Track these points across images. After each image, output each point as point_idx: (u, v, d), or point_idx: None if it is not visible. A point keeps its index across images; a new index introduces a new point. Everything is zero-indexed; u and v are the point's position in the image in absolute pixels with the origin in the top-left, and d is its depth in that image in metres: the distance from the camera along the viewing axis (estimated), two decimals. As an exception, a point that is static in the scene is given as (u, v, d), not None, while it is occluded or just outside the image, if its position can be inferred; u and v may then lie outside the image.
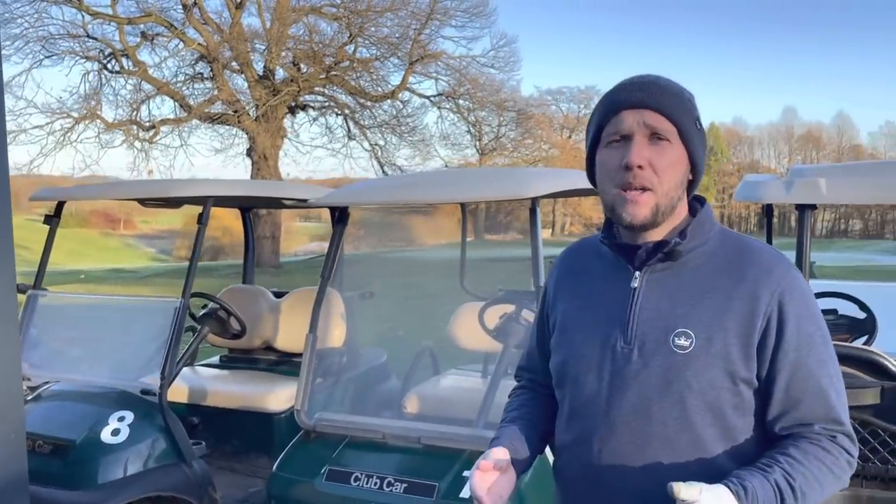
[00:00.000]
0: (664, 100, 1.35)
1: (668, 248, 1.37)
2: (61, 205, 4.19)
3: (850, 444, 1.34)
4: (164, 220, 39.14)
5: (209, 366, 4.90)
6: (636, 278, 1.40)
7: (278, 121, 23.15)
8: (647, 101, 1.34)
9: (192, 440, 3.52)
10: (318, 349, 3.49)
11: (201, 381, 4.48)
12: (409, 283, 13.61)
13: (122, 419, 3.39)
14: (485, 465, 1.39)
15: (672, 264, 1.39)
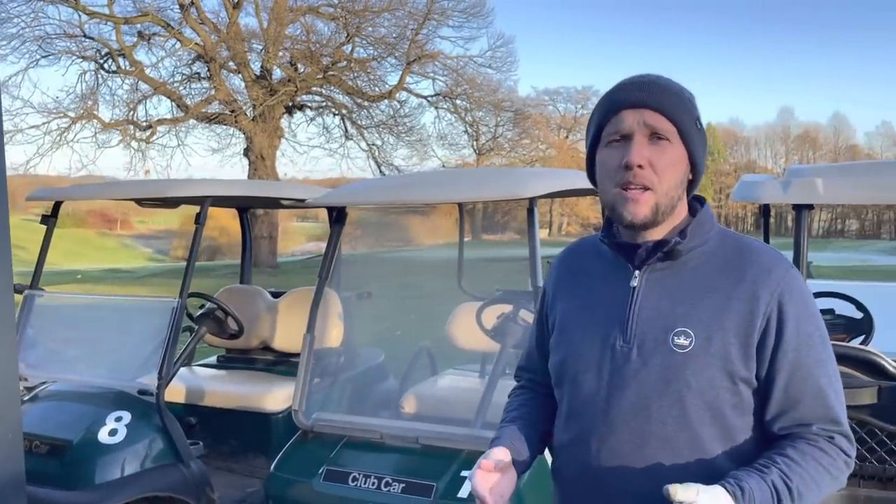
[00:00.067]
0: (664, 99, 1.35)
1: (668, 248, 1.37)
2: (58, 205, 4.17)
3: (848, 445, 1.34)
4: (160, 220, 39.11)
5: (206, 366, 4.89)
6: (636, 277, 1.40)
7: (275, 121, 23.14)
8: (648, 101, 1.35)
9: (190, 440, 3.51)
10: (316, 349, 3.48)
11: (199, 381, 4.48)
12: (407, 283, 13.61)
13: (119, 419, 3.39)
14: (486, 465, 1.39)
15: (672, 263, 1.39)
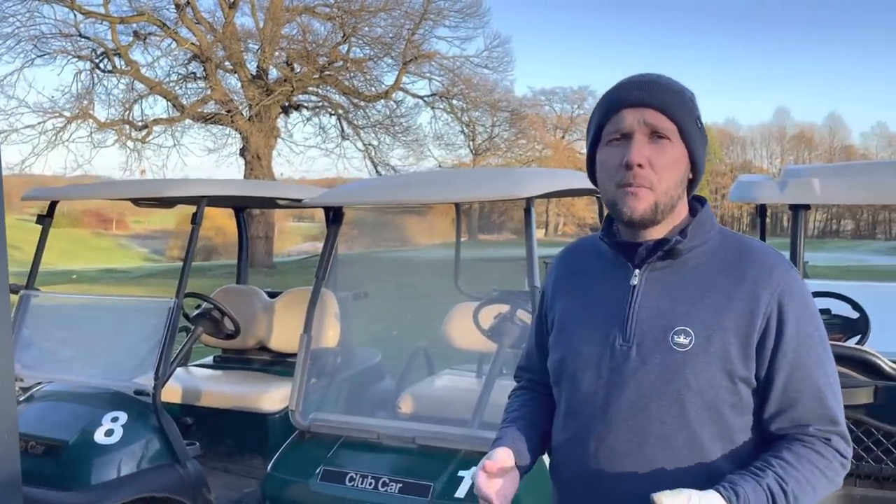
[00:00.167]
0: (665, 98, 1.35)
1: (669, 247, 1.37)
2: (54, 204, 4.16)
3: (845, 446, 1.34)
4: (156, 220, 39.06)
5: (203, 366, 4.88)
6: (636, 276, 1.40)
7: (271, 120, 23.12)
8: (648, 100, 1.35)
9: (186, 441, 3.50)
10: (313, 349, 3.47)
11: (195, 381, 4.47)
12: (404, 284, 13.61)
13: (115, 420, 3.38)
14: (490, 466, 1.38)
15: (672, 263, 1.39)
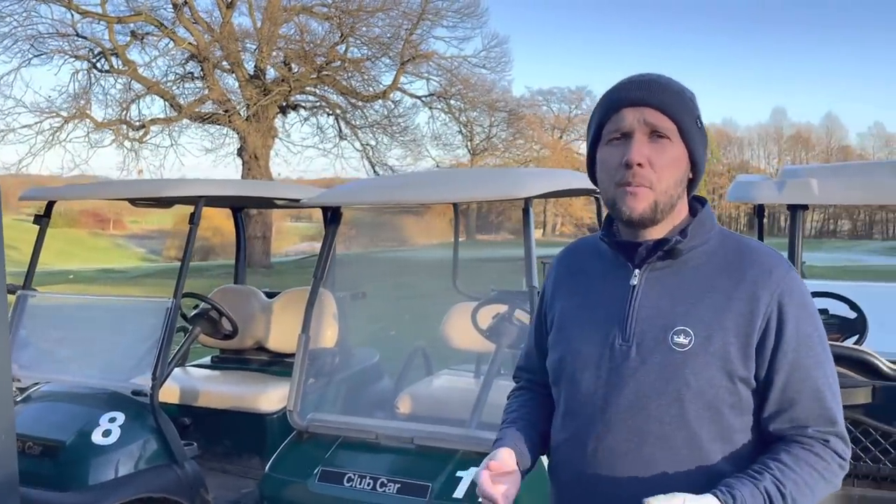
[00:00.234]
0: (665, 98, 1.35)
1: (669, 246, 1.37)
2: (51, 204, 4.15)
3: (843, 447, 1.34)
4: (153, 220, 39.02)
5: (201, 366, 4.88)
6: (636, 276, 1.40)
7: (269, 120, 23.10)
8: (648, 99, 1.35)
9: (184, 441, 3.50)
10: (311, 349, 3.47)
11: (193, 381, 4.46)
12: (402, 284, 13.61)
13: (113, 420, 3.37)
14: (495, 466, 1.38)
15: (672, 262, 1.39)
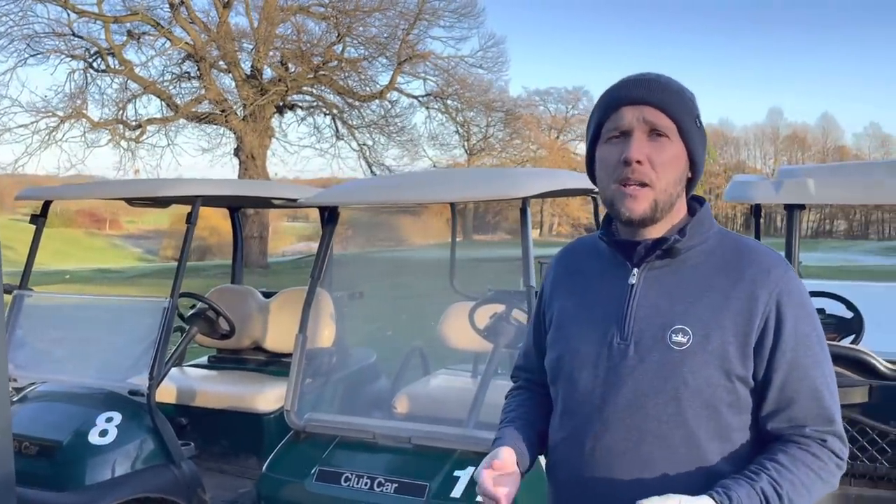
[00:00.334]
0: (665, 97, 1.36)
1: (668, 245, 1.37)
2: (48, 204, 4.15)
3: (841, 447, 1.34)
4: (150, 220, 38.97)
5: (198, 366, 4.87)
6: (634, 275, 1.40)
7: (266, 120, 23.08)
8: (648, 98, 1.35)
9: (181, 441, 3.49)
10: (308, 349, 3.47)
11: (190, 381, 4.46)
12: (399, 283, 13.61)
13: (109, 420, 3.37)
14: (499, 466, 1.37)
15: (671, 262, 1.39)
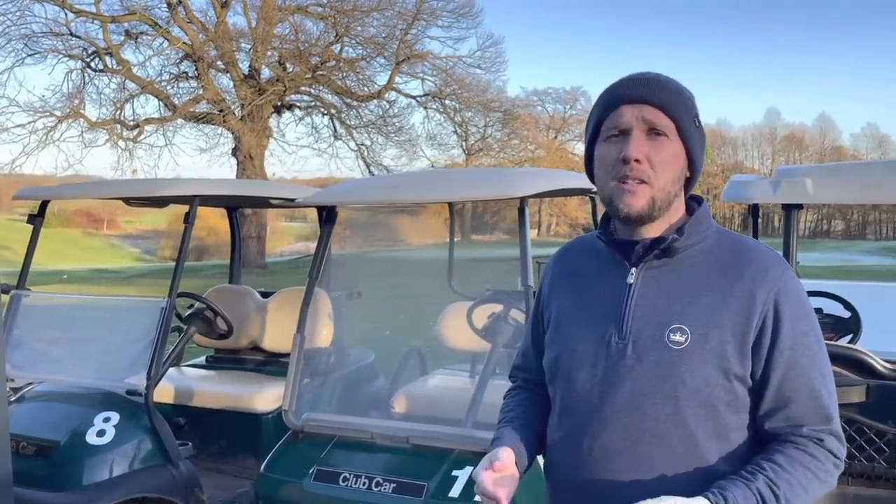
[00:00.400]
0: (664, 96, 1.36)
1: (666, 244, 1.37)
2: (45, 204, 4.14)
3: (838, 446, 1.34)
4: (148, 220, 38.92)
5: (195, 366, 4.87)
6: (632, 274, 1.40)
7: (264, 120, 23.07)
8: (647, 97, 1.35)
9: (179, 441, 3.49)
10: (306, 349, 3.47)
11: (188, 381, 4.45)
12: (397, 283, 13.59)
13: (107, 420, 3.36)
14: (500, 467, 1.37)
15: (669, 261, 1.39)
